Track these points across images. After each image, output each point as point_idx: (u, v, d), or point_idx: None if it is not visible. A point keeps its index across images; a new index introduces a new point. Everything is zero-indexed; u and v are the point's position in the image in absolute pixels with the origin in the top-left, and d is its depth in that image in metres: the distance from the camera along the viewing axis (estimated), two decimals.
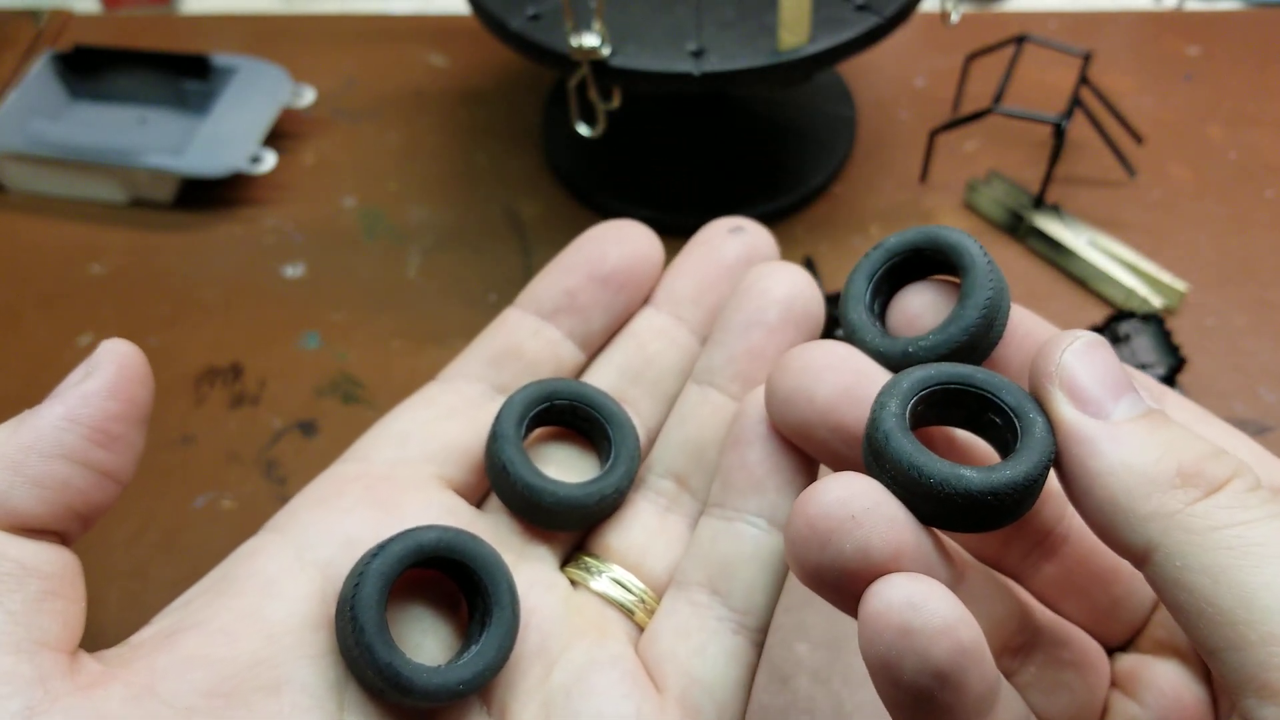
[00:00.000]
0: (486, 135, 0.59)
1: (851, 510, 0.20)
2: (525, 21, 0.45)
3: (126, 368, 0.23)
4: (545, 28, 0.45)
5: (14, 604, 0.20)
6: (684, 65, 0.43)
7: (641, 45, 0.44)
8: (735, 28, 0.45)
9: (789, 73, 0.44)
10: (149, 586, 0.41)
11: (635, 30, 0.45)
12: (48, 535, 0.23)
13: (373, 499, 0.25)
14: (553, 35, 0.44)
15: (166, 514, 0.43)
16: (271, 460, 0.45)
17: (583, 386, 0.27)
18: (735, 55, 0.43)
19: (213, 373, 0.48)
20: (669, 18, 0.45)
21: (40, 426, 0.22)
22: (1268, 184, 0.55)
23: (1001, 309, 0.23)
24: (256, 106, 0.57)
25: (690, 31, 0.45)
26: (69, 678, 0.20)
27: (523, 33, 0.45)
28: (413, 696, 0.22)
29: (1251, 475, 0.20)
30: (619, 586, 0.26)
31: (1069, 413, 0.21)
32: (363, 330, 0.50)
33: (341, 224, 0.55)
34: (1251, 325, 0.48)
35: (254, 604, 0.23)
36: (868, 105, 0.59)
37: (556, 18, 0.45)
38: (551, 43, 0.44)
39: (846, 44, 0.44)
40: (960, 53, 0.57)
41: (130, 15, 0.69)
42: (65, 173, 0.56)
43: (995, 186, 0.53)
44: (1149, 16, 0.65)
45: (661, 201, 0.53)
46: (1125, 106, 0.57)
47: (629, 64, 0.43)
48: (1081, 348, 0.21)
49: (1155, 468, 0.19)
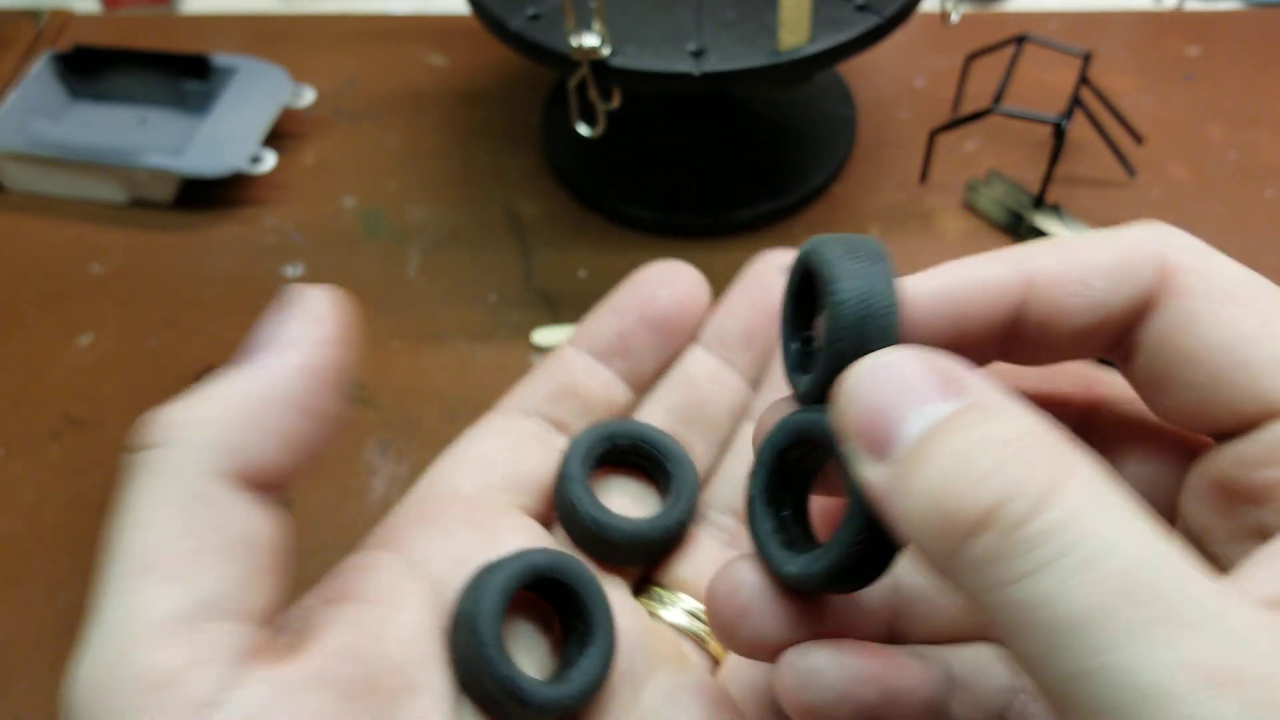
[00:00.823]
0: (486, 135, 0.59)
1: (739, 601, 0.21)
2: (525, 21, 0.45)
3: (339, 311, 0.24)
4: (545, 28, 0.45)
5: (239, 571, 0.21)
6: (684, 65, 0.43)
7: (642, 45, 0.44)
8: (735, 28, 0.45)
9: (789, 73, 0.44)
10: None
11: (635, 30, 0.45)
12: (277, 492, 0.23)
13: (471, 521, 0.26)
14: (553, 35, 0.44)
15: None
16: None
17: (641, 426, 0.29)
18: (735, 55, 0.43)
19: (213, 373, 0.48)
20: (669, 18, 0.45)
21: (277, 377, 0.22)
22: (1268, 184, 0.55)
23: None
24: (256, 106, 0.57)
25: (690, 32, 0.45)
26: (265, 652, 0.20)
27: (522, 33, 0.45)
28: (529, 709, 0.23)
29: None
30: (691, 616, 0.27)
31: (860, 470, 0.17)
32: (363, 330, 0.50)
33: (341, 224, 0.55)
34: None
35: (385, 612, 0.23)
36: (868, 105, 0.59)
37: (556, 18, 0.45)
38: (551, 43, 0.44)
39: (846, 44, 0.44)
40: (960, 53, 0.57)
41: (130, 15, 0.69)
42: (65, 173, 0.56)
43: (995, 186, 0.53)
44: (1149, 16, 0.65)
45: (661, 201, 0.53)
46: (1125, 106, 0.57)
47: (629, 64, 0.43)
48: (863, 371, 0.18)
49: (953, 514, 0.16)
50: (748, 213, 0.53)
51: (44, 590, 0.41)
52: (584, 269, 0.52)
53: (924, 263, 0.21)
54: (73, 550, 0.42)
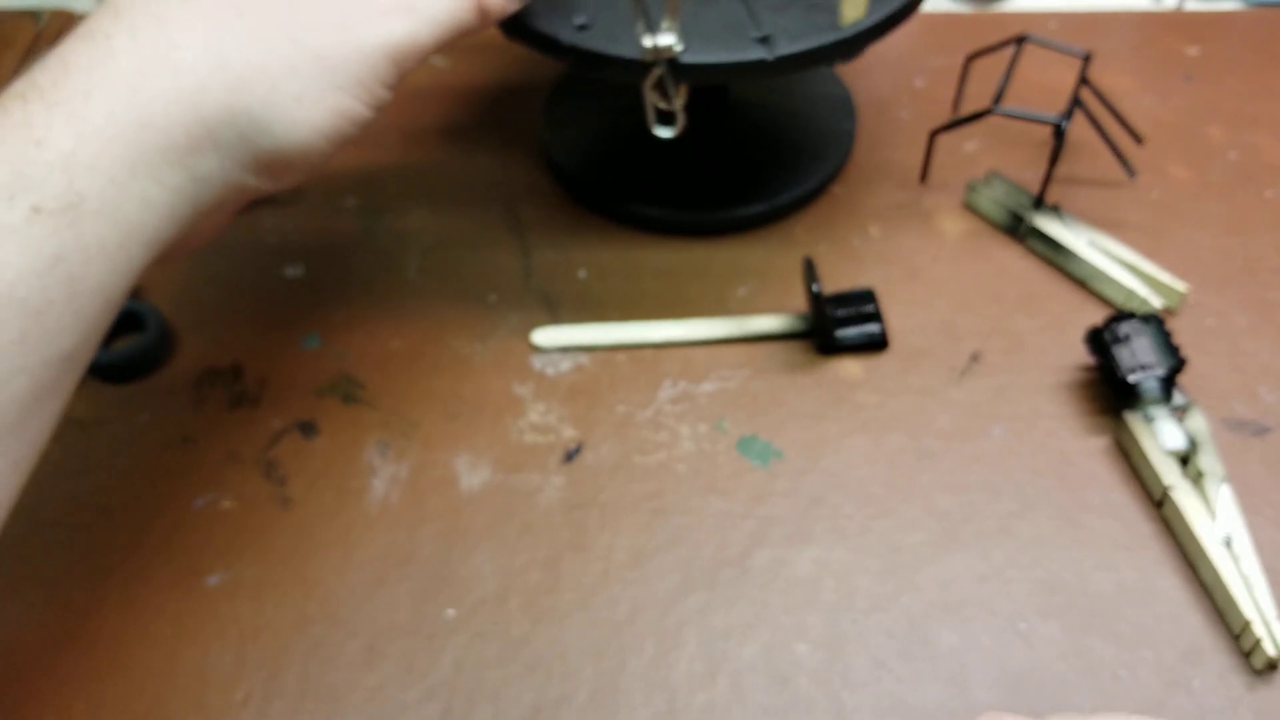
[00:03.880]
0: (486, 135, 0.59)
1: None
2: (575, 33, 0.44)
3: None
4: (600, 36, 0.43)
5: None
6: (757, 53, 0.43)
7: (706, 40, 0.43)
8: (787, 11, 0.45)
9: (853, 46, 0.44)
10: (149, 587, 0.41)
11: (689, 26, 0.44)
12: None
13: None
14: (610, 42, 0.43)
15: (167, 515, 0.43)
16: (271, 460, 0.45)
17: None
18: (801, 36, 0.44)
19: (213, 373, 0.48)
20: (714, 10, 0.45)
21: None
22: (1268, 184, 0.55)
23: None
24: None
25: (745, 21, 0.44)
26: None
27: (577, 44, 0.43)
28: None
29: None
30: None
31: None
32: (363, 330, 0.50)
33: (341, 224, 0.55)
34: (1251, 325, 0.48)
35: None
36: (868, 105, 0.59)
37: (606, 25, 0.44)
38: (613, 49, 0.43)
39: (899, 11, 0.45)
40: (960, 53, 0.57)
41: None
42: None
43: (995, 187, 0.53)
44: (1149, 16, 0.65)
45: (662, 201, 0.53)
46: (1125, 106, 0.56)
47: (702, 59, 0.43)
48: None
49: None
50: (747, 212, 0.53)
51: (44, 590, 0.41)
52: (584, 269, 0.52)
53: (924, 263, 0.21)
54: (73, 550, 0.42)
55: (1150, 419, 0.43)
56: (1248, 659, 0.38)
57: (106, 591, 0.41)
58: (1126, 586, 0.40)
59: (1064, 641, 0.39)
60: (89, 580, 0.42)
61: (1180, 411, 0.44)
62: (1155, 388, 0.44)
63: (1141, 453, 0.43)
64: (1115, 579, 0.40)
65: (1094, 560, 0.41)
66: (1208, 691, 0.37)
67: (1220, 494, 0.41)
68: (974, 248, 0.52)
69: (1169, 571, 0.41)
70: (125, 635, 0.40)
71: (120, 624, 0.40)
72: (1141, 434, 0.43)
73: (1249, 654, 0.38)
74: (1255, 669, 0.38)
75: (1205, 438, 0.43)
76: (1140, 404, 0.44)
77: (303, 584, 0.41)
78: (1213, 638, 0.39)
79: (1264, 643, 0.37)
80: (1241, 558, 0.39)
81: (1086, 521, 0.42)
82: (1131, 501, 0.43)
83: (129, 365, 0.48)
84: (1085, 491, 0.43)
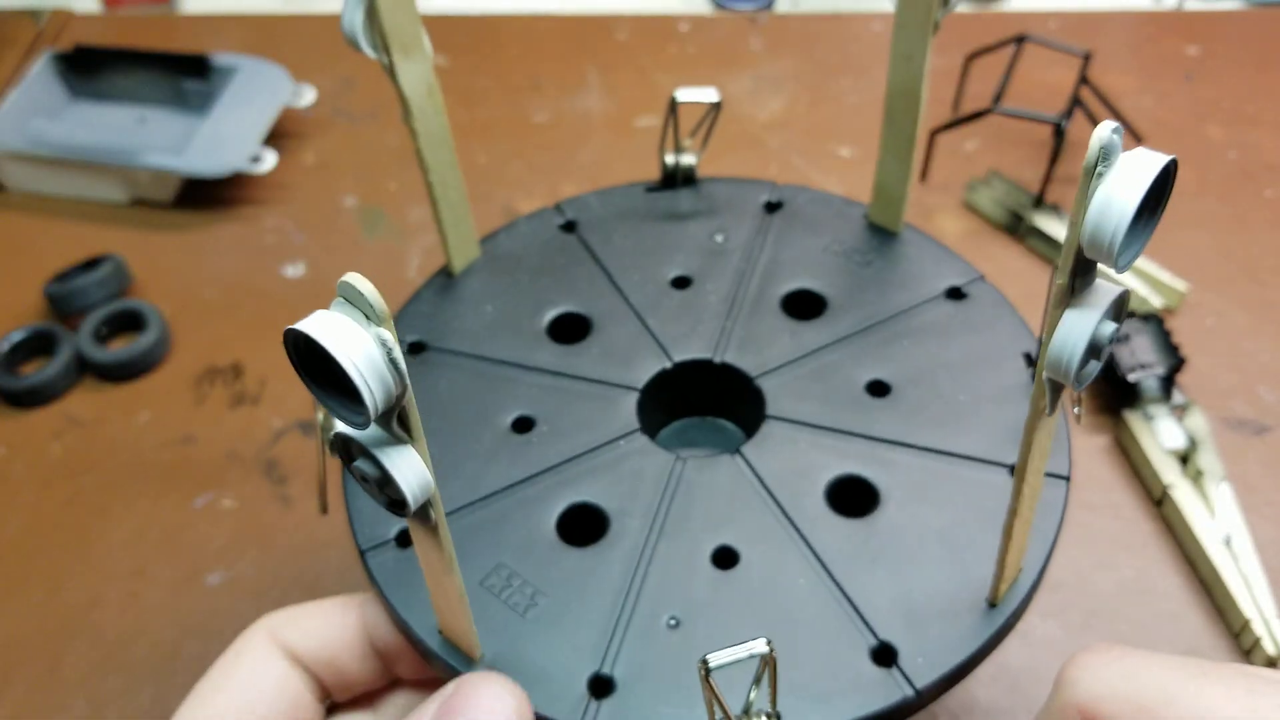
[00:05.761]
0: (486, 135, 0.59)
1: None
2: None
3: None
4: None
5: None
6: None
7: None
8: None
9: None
10: (149, 586, 0.41)
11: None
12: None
13: None
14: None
15: (166, 514, 0.43)
16: (271, 460, 0.45)
17: None
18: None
19: (213, 372, 0.48)
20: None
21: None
22: (1267, 184, 0.55)
23: None
24: (257, 106, 0.57)
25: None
26: None
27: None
28: None
29: None
30: None
31: None
32: None
33: (341, 224, 0.55)
34: (1251, 325, 0.48)
35: None
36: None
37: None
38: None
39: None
40: (960, 52, 0.57)
41: (130, 15, 0.69)
42: (65, 172, 0.56)
43: (995, 186, 0.53)
44: (1149, 16, 0.65)
45: None
46: (1125, 106, 0.57)
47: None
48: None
49: None
50: None
51: (44, 590, 0.41)
52: None
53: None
54: (73, 550, 0.42)
55: (1150, 418, 0.43)
56: (1247, 657, 0.38)
57: (107, 591, 0.41)
58: (1126, 585, 0.40)
59: (1064, 640, 0.39)
60: (89, 580, 0.42)
61: (1180, 410, 0.44)
62: (1155, 387, 0.44)
63: (1141, 451, 0.43)
64: (1115, 577, 0.40)
65: (1094, 559, 0.41)
66: None
67: (1220, 493, 0.41)
68: (974, 247, 0.52)
69: (1169, 570, 0.41)
70: (126, 634, 0.40)
71: (121, 623, 0.40)
72: (1141, 433, 0.43)
73: (1248, 652, 0.38)
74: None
75: (1205, 437, 0.43)
76: (1140, 403, 0.44)
77: (303, 583, 0.41)
78: (1212, 636, 0.39)
79: (1263, 641, 0.37)
80: (1241, 556, 0.39)
81: (1086, 520, 0.42)
82: (1131, 500, 0.43)
83: (129, 365, 0.48)
84: (1085, 490, 0.43)
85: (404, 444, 0.21)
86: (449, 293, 0.37)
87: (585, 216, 0.38)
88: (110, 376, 0.48)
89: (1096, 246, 0.19)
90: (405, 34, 0.31)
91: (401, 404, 0.20)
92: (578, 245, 0.37)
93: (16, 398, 0.47)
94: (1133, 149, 0.19)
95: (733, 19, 0.67)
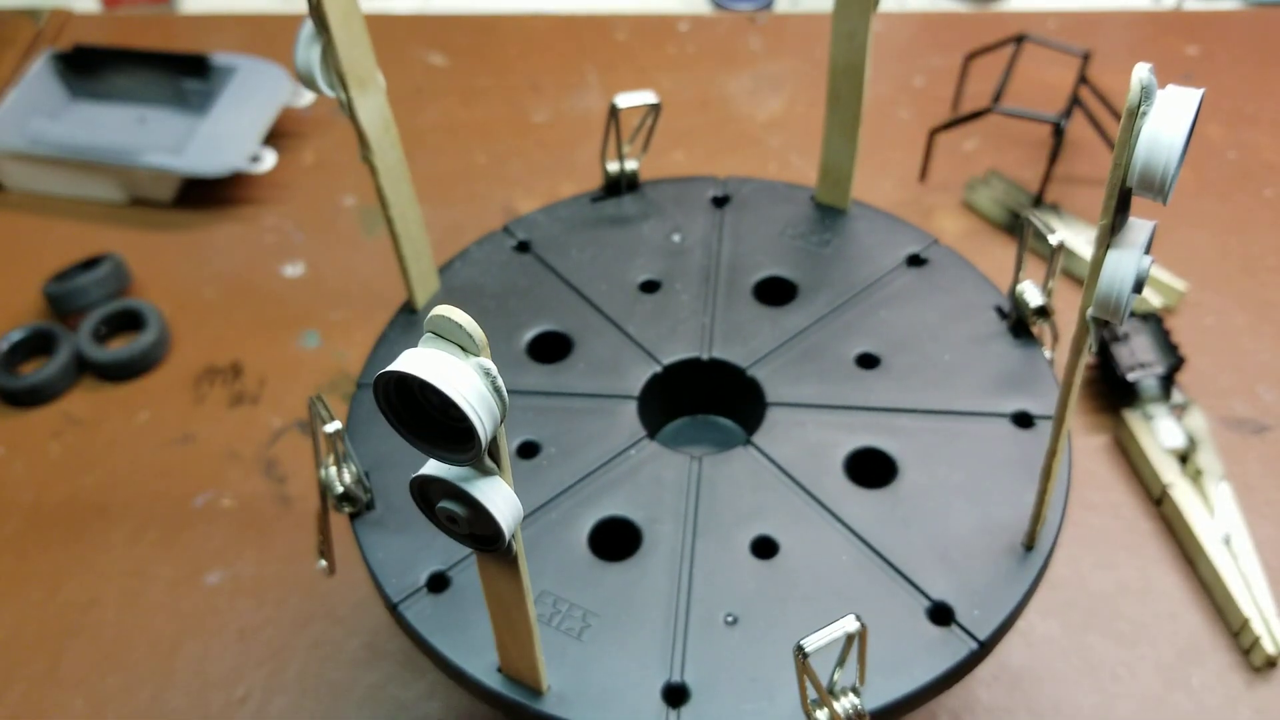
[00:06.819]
0: (486, 135, 0.59)
1: None
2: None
3: None
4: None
5: None
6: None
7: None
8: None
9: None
10: (149, 586, 0.41)
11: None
12: None
13: None
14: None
15: (166, 513, 0.43)
16: (271, 459, 0.45)
17: None
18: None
19: (213, 372, 0.48)
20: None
21: None
22: (1267, 183, 0.55)
23: None
24: (256, 106, 0.57)
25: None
26: None
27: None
28: None
29: None
30: None
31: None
32: (363, 330, 0.50)
33: (341, 223, 0.55)
34: (1251, 325, 0.48)
35: None
36: (867, 105, 0.59)
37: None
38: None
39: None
40: (959, 52, 0.57)
41: (130, 15, 0.69)
42: (65, 172, 0.56)
43: (995, 185, 0.53)
44: (1149, 16, 0.65)
45: None
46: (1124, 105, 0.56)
47: None
48: None
49: None
50: None
51: (44, 590, 0.41)
52: None
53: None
54: (73, 550, 0.42)
55: (1149, 417, 0.43)
56: (1247, 656, 0.38)
57: (107, 590, 0.41)
58: (1126, 584, 0.40)
59: (1063, 639, 0.39)
60: (89, 579, 0.42)
61: (1179, 410, 0.44)
62: (1154, 386, 0.44)
63: (1141, 451, 0.43)
64: (1115, 577, 0.40)
65: (1093, 558, 0.41)
66: (1207, 689, 0.37)
67: (1219, 492, 0.41)
68: (973, 246, 0.52)
69: (1168, 569, 0.41)
70: (126, 632, 0.40)
71: (121, 621, 0.40)
72: (1141, 432, 0.43)
73: (1248, 651, 0.38)
74: (1254, 666, 0.38)
75: (1204, 436, 0.43)
76: (1139, 402, 0.44)
77: (303, 582, 0.41)
78: (1212, 635, 0.39)
79: (1263, 640, 0.37)
80: (1240, 555, 0.39)
81: (1086, 519, 0.42)
82: (1131, 499, 0.43)
83: (129, 365, 0.48)
84: (1085, 489, 0.43)
85: (493, 475, 0.20)
86: (416, 330, 0.36)
87: (537, 235, 0.38)
88: (109, 376, 0.48)
89: (1148, 181, 0.20)
90: (361, 68, 0.31)
91: (494, 434, 0.19)
92: (536, 264, 0.37)
93: (16, 397, 0.47)
94: (1166, 88, 0.20)
95: (732, 19, 0.67)
